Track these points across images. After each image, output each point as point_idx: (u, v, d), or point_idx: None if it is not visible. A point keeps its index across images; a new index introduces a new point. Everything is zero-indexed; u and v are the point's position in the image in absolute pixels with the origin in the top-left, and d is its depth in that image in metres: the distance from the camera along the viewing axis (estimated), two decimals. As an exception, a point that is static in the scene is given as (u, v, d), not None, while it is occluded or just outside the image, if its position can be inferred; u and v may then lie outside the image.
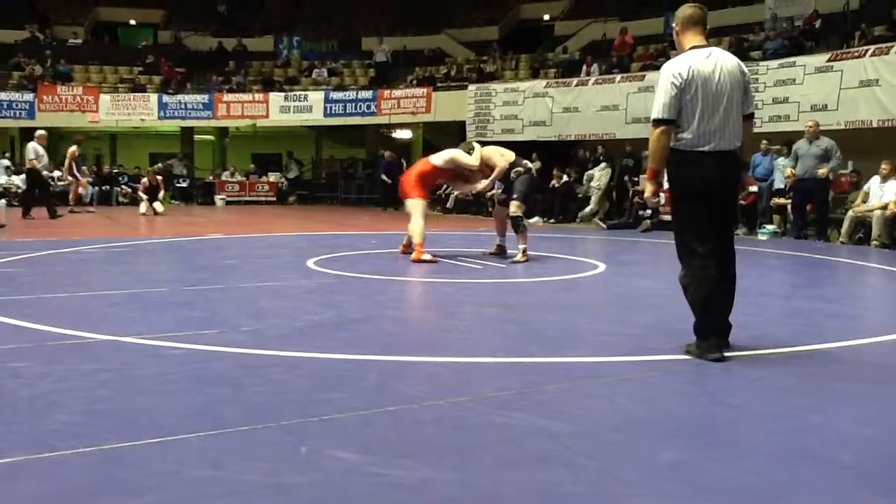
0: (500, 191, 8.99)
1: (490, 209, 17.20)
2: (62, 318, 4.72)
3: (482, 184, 8.45)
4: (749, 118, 4.03)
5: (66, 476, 2.33)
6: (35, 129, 22.49)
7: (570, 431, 2.80)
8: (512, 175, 8.27)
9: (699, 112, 3.81)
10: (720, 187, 3.90)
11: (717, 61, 3.89)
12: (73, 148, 16.77)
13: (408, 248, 8.39)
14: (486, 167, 8.38)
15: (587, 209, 15.71)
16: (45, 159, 14.88)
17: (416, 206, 8.19)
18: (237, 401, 3.11)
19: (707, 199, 3.87)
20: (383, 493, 2.25)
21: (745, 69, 4.07)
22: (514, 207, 8.17)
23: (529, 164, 8.41)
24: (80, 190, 17.07)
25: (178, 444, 2.59)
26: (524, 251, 8.16)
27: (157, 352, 3.95)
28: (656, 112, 3.84)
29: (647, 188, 4.08)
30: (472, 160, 8.28)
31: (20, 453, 2.48)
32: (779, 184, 12.70)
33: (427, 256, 7.94)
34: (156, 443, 2.60)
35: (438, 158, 8.39)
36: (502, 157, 8.33)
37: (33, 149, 14.39)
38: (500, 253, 8.59)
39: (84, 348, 4.01)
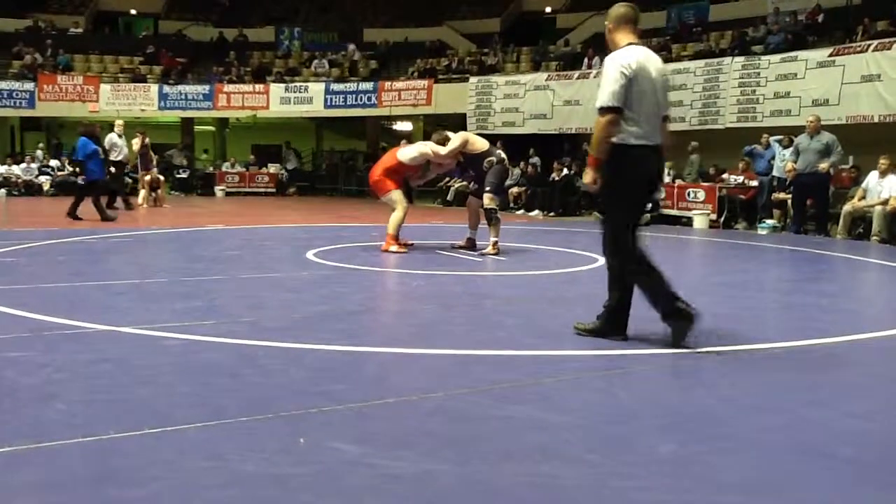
0: (471, 182, 8.91)
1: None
2: (61, 308, 4.71)
3: (447, 149, 8.32)
4: (666, 119, 4.16)
5: (64, 466, 2.33)
6: (34, 118, 22.58)
7: (568, 424, 2.80)
8: (485, 165, 8.18)
9: (645, 106, 3.91)
10: (651, 181, 4.07)
11: (653, 60, 4.03)
12: (137, 140, 15.68)
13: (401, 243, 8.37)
14: (459, 155, 8.33)
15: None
16: (125, 150, 14.53)
17: (396, 198, 8.22)
18: (236, 391, 3.11)
19: (647, 194, 4.06)
20: (382, 485, 2.25)
21: (667, 70, 4.22)
22: (488, 200, 8.08)
23: (503, 155, 8.31)
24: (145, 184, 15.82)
25: (176, 435, 2.59)
26: (495, 244, 8.12)
27: (156, 342, 3.95)
28: (605, 100, 3.87)
29: (588, 175, 4.08)
30: (444, 150, 8.21)
31: (19, 443, 2.48)
32: (777, 172, 12.69)
33: (395, 248, 8.04)
34: (155, 433, 2.60)
35: (406, 155, 8.33)
36: (473, 145, 8.24)
37: (109, 140, 14.20)
38: (470, 247, 8.47)
39: (83, 338, 4.01)
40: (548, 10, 24.70)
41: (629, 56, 3.92)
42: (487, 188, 8.09)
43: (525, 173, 16.73)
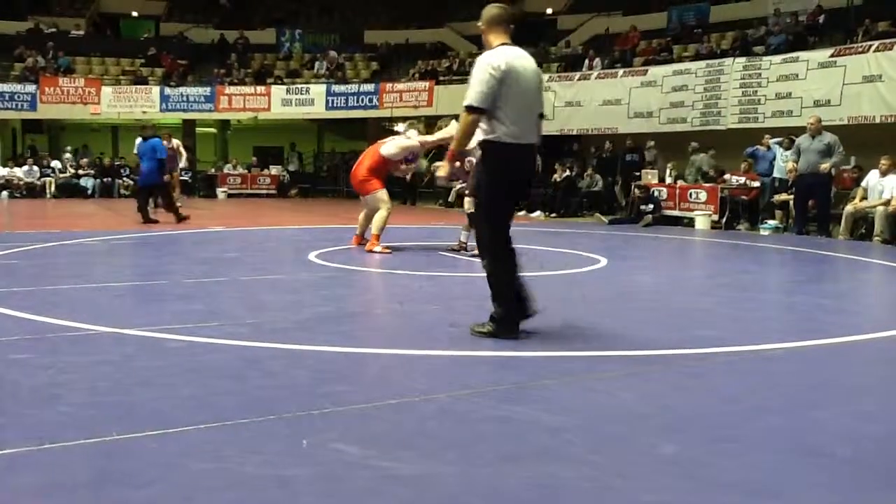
0: (462, 183, 8.93)
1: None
2: (64, 310, 4.72)
3: (427, 139, 8.37)
4: (541, 118, 4.27)
5: (67, 467, 2.34)
6: (36, 120, 22.60)
7: (570, 425, 2.79)
8: (466, 165, 8.19)
9: (516, 105, 3.99)
10: (524, 178, 4.17)
11: (525, 60, 4.12)
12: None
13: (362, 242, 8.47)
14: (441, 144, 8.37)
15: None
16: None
17: (381, 197, 8.28)
18: (238, 393, 3.11)
19: (518, 190, 4.15)
20: (384, 487, 2.25)
21: (540, 71, 4.32)
22: (468, 203, 8.02)
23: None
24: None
25: (179, 437, 2.60)
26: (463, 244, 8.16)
27: (158, 344, 3.95)
28: (473, 100, 3.96)
29: (444, 168, 4.16)
30: (433, 137, 8.26)
31: (22, 444, 2.48)
32: (778, 173, 12.67)
33: (379, 248, 8.07)
34: (157, 435, 2.60)
35: (389, 150, 8.40)
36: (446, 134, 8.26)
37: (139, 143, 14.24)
38: (461, 249, 8.45)
39: (85, 340, 4.01)
40: (549, 11, 24.69)
41: (499, 57, 4.00)
42: (468, 192, 8.08)
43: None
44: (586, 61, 18.87)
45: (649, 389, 3.32)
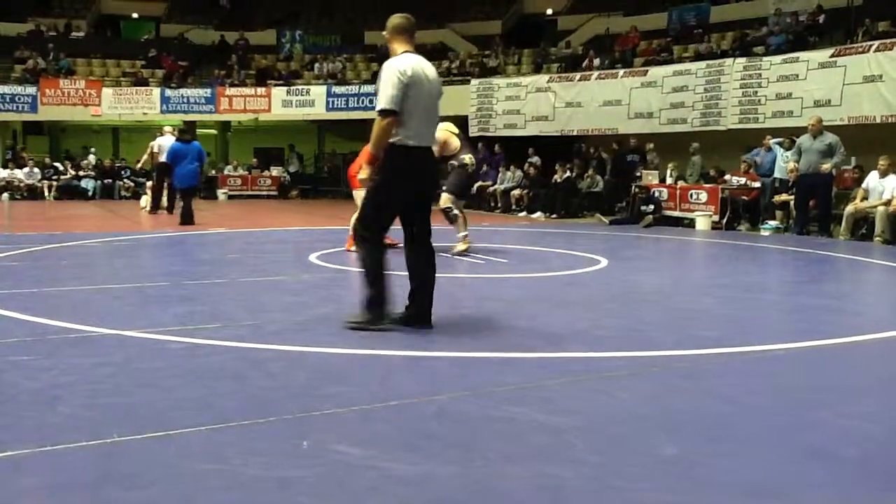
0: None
1: (492, 203, 17.23)
2: (65, 312, 4.72)
3: None
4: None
5: (68, 469, 2.34)
6: (37, 122, 22.61)
7: (571, 426, 2.80)
8: (448, 167, 8.32)
9: (418, 110, 4.21)
10: (425, 180, 4.38)
11: (427, 68, 4.34)
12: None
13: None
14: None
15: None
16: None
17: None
18: (239, 395, 3.11)
19: (410, 191, 4.31)
20: (385, 488, 2.25)
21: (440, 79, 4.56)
22: (444, 199, 8.22)
23: (466, 161, 8.32)
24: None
25: (180, 438, 2.60)
26: (465, 238, 8.24)
27: (159, 346, 3.95)
28: (386, 103, 4.14)
29: (364, 172, 4.32)
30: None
31: (23, 446, 2.49)
32: (779, 173, 12.66)
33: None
34: (158, 436, 2.60)
35: None
36: (449, 144, 8.28)
37: (158, 143, 14.29)
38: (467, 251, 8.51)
39: (86, 342, 4.02)
40: (549, 12, 24.70)
41: (405, 63, 4.21)
42: (445, 188, 8.28)
43: (527, 175, 16.71)
44: (586, 62, 18.87)
45: (650, 390, 3.32)
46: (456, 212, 8.26)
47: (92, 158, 20.78)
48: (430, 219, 4.50)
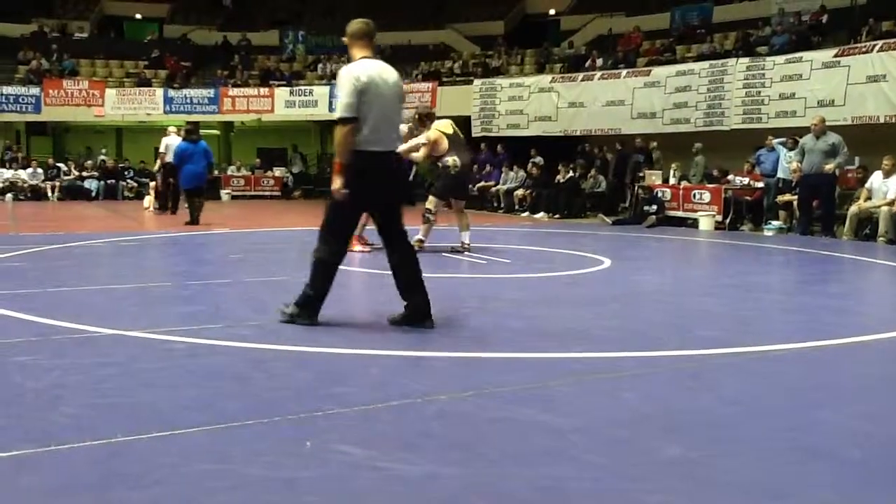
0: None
1: (495, 203, 17.25)
2: (68, 312, 4.73)
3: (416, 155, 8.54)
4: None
5: (71, 469, 2.35)
6: (41, 123, 22.65)
7: (574, 427, 2.80)
8: (438, 167, 8.46)
9: (375, 116, 4.27)
10: (385, 183, 4.42)
11: (385, 73, 4.38)
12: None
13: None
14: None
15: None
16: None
17: None
18: (242, 395, 3.12)
19: (371, 194, 4.37)
20: (387, 488, 2.26)
21: (402, 83, 4.59)
22: (429, 202, 8.40)
23: (449, 163, 8.33)
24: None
25: (183, 438, 2.60)
26: (420, 241, 8.22)
27: (162, 346, 3.96)
28: (343, 111, 4.25)
29: (336, 182, 4.36)
30: (414, 142, 8.45)
31: (26, 446, 2.49)
32: (782, 173, 12.64)
33: (358, 248, 8.20)
34: (161, 436, 2.61)
35: None
36: (443, 139, 8.37)
37: (165, 143, 14.30)
38: (463, 250, 8.54)
39: (90, 342, 4.03)
40: (552, 11, 24.68)
41: (359, 70, 4.28)
42: (433, 191, 8.47)
43: (529, 175, 16.70)
44: (589, 62, 18.85)
45: (653, 390, 3.32)
46: (431, 216, 8.38)
47: (104, 158, 20.82)
48: (401, 219, 4.55)
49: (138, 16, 27.01)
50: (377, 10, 26.67)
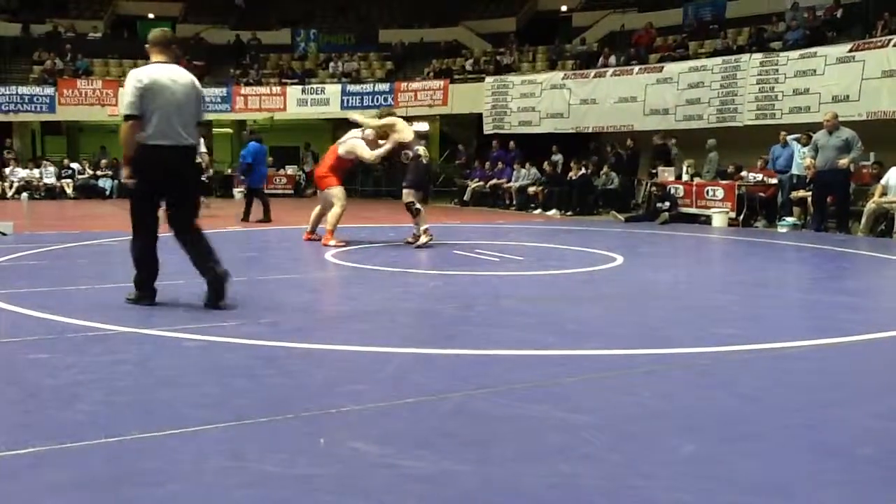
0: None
1: (507, 201, 17.23)
2: (83, 310, 4.76)
3: (373, 154, 8.73)
4: (199, 124, 5.12)
5: (88, 466, 2.36)
6: (55, 122, 22.80)
7: (589, 424, 2.79)
8: (402, 157, 8.58)
9: (159, 113, 4.77)
10: (174, 173, 4.92)
11: (173, 75, 4.91)
12: None
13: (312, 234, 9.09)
14: (385, 138, 8.71)
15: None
16: (205, 156, 14.79)
17: (337, 194, 8.75)
18: (256, 392, 3.13)
19: (162, 182, 4.90)
20: (402, 485, 2.26)
21: (199, 85, 5.17)
22: (405, 195, 8.53)
23: (420, 152, 8.53)
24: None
25: (197, 436, 2.61)
26: (426, 231, 8.47)
27: (176, 344, 3.98)
28: (125, 109, 4.81)
29: (125, 171, 4.98)
30: (362, 149, 8.65)
31: (43, 444, 2.51)
32: (796, 169, 12.56)
33: (333, 242, 8.50)
34: (176, 434, 2.62)
35: (343, 149, 8.87)
36: (400, 133, 8.55)
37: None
38: (414, 241, 8.74)
39: (105, 340, 4.05)
40: (563, 8, 24.60)
41: (143, 73, 4.82)
42: (405, 184, 8.61)
43: (545, 172, 16.66)
44: (601, 58, 18.79)
45: (668, 388, 3.31)
46: (418, 206, 8.51)
47: (117, 157, 20.96)
48: (192, 211, 5.15)
49: (151, 15, 27.11)
50: (389, 8, 26.78)
